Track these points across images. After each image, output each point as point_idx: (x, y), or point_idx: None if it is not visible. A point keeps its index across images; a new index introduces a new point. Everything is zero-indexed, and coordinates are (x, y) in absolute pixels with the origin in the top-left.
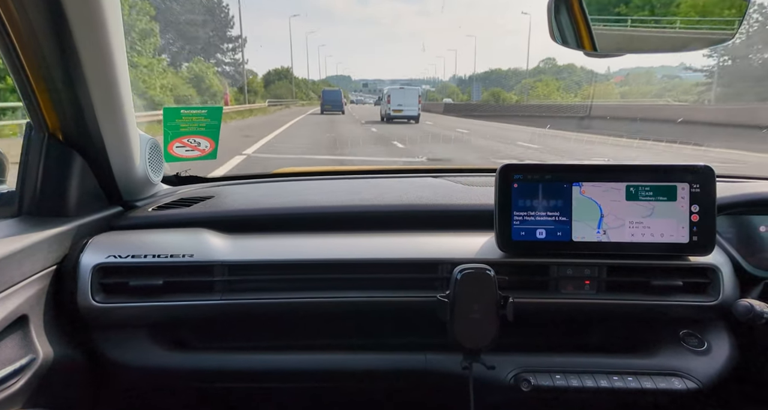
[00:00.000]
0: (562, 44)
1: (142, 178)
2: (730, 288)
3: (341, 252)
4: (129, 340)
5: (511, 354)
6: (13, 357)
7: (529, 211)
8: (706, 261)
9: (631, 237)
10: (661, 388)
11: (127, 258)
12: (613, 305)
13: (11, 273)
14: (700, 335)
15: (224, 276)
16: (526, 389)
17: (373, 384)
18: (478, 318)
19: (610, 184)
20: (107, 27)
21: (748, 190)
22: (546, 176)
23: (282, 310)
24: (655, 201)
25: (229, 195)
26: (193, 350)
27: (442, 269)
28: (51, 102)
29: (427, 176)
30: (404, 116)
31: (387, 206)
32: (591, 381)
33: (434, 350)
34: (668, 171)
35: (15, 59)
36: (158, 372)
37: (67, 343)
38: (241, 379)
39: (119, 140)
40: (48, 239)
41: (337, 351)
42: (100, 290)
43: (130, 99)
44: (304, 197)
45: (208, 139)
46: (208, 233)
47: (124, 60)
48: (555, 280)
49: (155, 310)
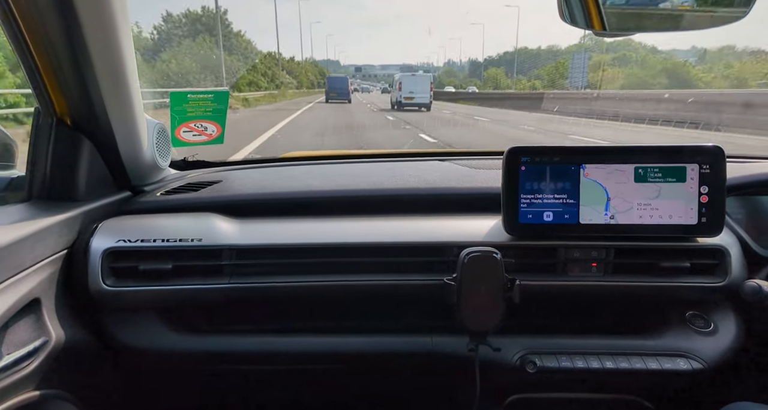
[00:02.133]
0: (570, 23)
1: (150, 163)
2: (738, 269)
3: (348, 236)
4: (139, 323)
5: (516, 336)
6: (26, 339)
7: (537, 194)
8: (715, 242)
9: (639, 219)
10: (666, 369)
11: (137, 242)
12: (620, 287)
13: (23, 257)
14: (706, 316)
15: (232, 260)
16: (531, 370)
17: (379, 367)
18: (485, 301)
19: (614, 166)
20: (114, 11)
21: (758, 170)
22: (554, 158)
23: (290, 294)
24: (664, 182)
25: (237, 180)
26: (202, 333)
27: (448, 253)
28: (59, 87)
29: (434, 159)
30: (416, 104)
31: (394, 190)
32: (596, 363)
33: (440, 332)
34: (677, 152)
35: (23, 44)
36: (168, 354)
37: (78, 326)
38: (249, 362)
39: (127, 125)
40: (58, 224)
41: (344, 333)
42: (111, 274)
43: (137, 84)
44: (312, 182)
45: (215, 123)
46: (216, 217)
47: (131, 45)
48: (562, 263)
49: (165, 294)
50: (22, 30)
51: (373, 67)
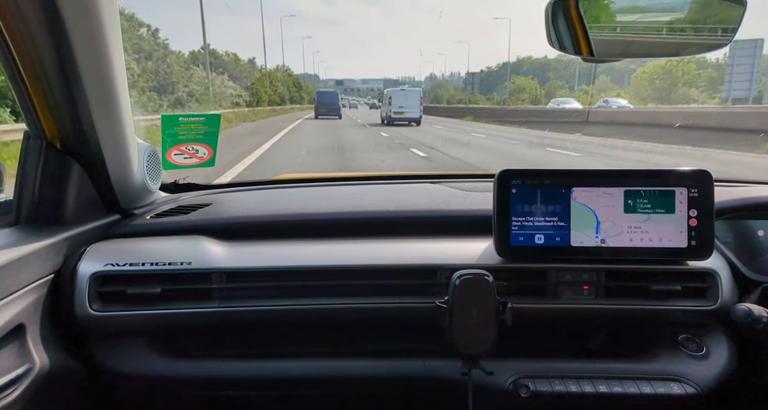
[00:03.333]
0: (559, 49)
1: (140, 186)
2: (728, 293)
3: (339, 259)
4: (127, 349)
5: (509, 359)
6: (9, 366)
7: (528, 216)
8: (705, 266)
9: (630, 242)
10: (660, 393)
11: (125, 266)
12: (612, 310)
13: (8, 282)
14: (698, 339)
15: (222, 284)
16: (525, 395)
17: (372, 391)
18: (477, 324)
19: (602, 189)
20: (105, 36)
21: (746, 194)
22: (545, 181)
23: (280, 317)
24: (653, 205)
25: (227, 202)
26: (192, 358)
27: (440, 275)
28: (49, 110)
29: (425, 181)
30: (405, 118)
31: (385, 213)
32: (590, 387)
33: (433, 356)
34: (666, 175)
35: (13, 67)
36: (157, 380)
37: (64, 352)
38: (240, 387)
39: (117, 148)
40: (45, 248)
41: (335, 357)
42: (98, 298)
43: (128, 107)
44: (302, 204)
45: (206, 146)
46: (206, 240)
47: (123, 68)
48: (553, 285)
49: (153, 318)
50: (13, 53)
51: (353, 81)
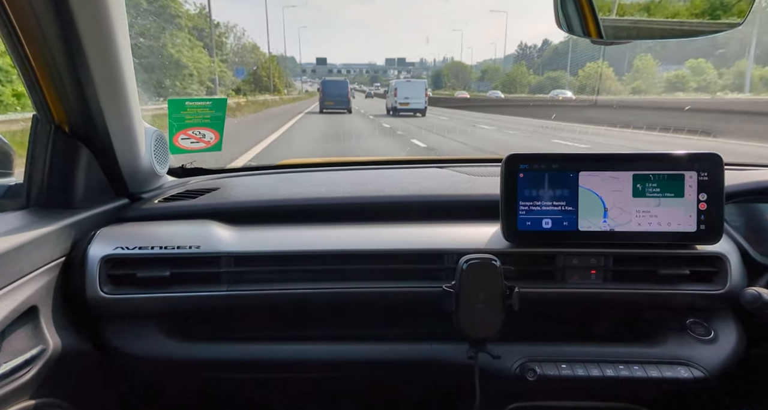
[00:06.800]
0: (567, 31)
1: (147, 170)
2: (737, 277)
3: (346, 243)
4: (137, 331)
5: (516, 343)
6: (23, 347)
7: (535, 201)
8: (714, 250)
9: (638, 226)
10: (667, 377)
11: (135, 250)
12: (620, 294)
13: (21, 265)
14: (706, 324)
15: (230, 267)
16: (531, 378)
17: (378, 375)
18: (484, 308)
19: (608, 173)
20: (112, 19)
21: (756, 178)
22: (552, 165)
23: (288, 301)
24: (663, 189)
25: (235, 187)
26: (200, 341)
27: (447, 260)
28: (57, 94)
29: (433, 166)
30: (411, 109)
31: (392, 197)
32: (597, 371)
33: (440, 340)
34: (676, 159)
35: (21, 52)
36: (166, 362)
37: (76, 334)
38: (247, 370)
39: (125, 132)
40: (56, 231)
41: (342, 341)
42: (108, 281)
43: (135, 91)
44: (309, 189)
45: (213, 130)
46: (214, 224)
47: (129, 52)
48: (561, 270)
49: (163, 301)
50: (21, 38)
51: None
